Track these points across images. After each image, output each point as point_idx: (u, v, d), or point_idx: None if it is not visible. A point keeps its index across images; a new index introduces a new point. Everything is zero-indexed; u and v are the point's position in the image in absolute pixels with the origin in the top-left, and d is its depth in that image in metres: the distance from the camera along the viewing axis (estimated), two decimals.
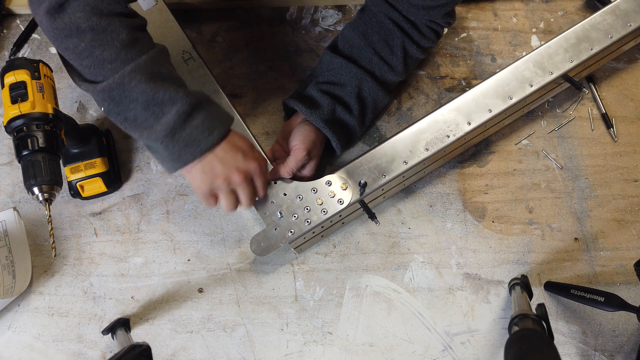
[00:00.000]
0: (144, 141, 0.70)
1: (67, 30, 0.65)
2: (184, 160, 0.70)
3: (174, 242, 0.89)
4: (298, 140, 0.84)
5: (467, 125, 0.86)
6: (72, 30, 0.65)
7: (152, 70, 0.67)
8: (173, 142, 0.68)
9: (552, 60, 0.90)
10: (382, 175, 0.84)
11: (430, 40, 0.89)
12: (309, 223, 0.81)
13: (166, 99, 0.67)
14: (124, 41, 0.66)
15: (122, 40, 0.66)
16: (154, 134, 0.68)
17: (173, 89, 0.68)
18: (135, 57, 0.67)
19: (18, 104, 0.72)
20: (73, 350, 0.82)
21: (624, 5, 0.94)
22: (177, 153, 0.69)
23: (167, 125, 0.67)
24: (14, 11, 1.03)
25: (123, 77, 0.66)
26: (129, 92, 0.66)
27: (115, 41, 0.66)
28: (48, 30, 0.67)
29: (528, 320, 0.72)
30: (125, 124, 0.70)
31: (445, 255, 0.89)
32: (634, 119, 0.99)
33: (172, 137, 0.68)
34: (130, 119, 0.69)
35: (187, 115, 0.68)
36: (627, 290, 0.88)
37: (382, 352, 0.83)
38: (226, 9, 1.05)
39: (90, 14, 0.64)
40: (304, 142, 0.84)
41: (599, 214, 0.92)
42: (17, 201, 0.91)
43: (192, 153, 0.69)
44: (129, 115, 0.68)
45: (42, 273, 0.86)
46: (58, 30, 0.65)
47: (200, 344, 0.83)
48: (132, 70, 0.66)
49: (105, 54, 0.66)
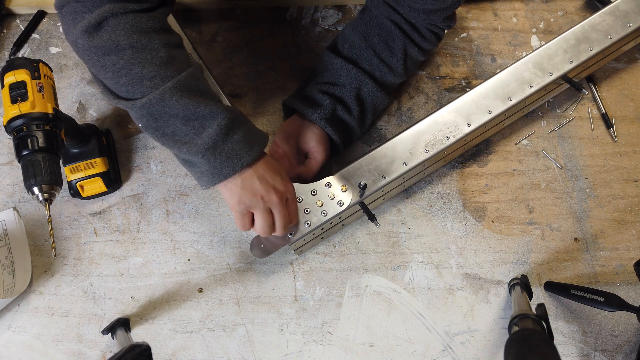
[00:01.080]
0: (182, 155, 0.71)
1: (106, 49, 0.65)
2: (225, 174, 0.70)
3: (174, 242, 0.89)
4: (314, 141, 0.85)
5: (467, 127, 0.86)
6: (112, 48, 0.65)
7: (192, 87, 0.68)
8: (215, 156, 0.69)
9: (551, 61, 0.90)
10: (381, 177, 0.84)
11: (431, 43, 0.89)
12: (309, 225, 0.81)
13: (207, 114, 0.68)
14: (163, 59, 0.67)
15: (161, 58, 0.67)
16: (194, 148, 0.68)
17: (213, 103, 0.69)
18: (175, 74, 0.67)
19: (18, 104, 0.72)
20: (73, 350, 0.82)
21: (623, 6, 0.94)
22: (218, 166, 0.69)
23: (209, 138, 0.68)
24: (14, 11, 1.03)
25: (164, 93, 0.66)
26: (169, 107, 0.67)
27: (155, 59, 0.67)
28: (84, 49, 0.67)
29: (528, 320, 0.71)
30: (164, 139, 0.70)
31: (445, 255, 0.89)
32: (634, 119, 0.99)
33: (214, 150, 0.69)
34: (168, 134, 0.69)
35: (228, 130, 0.69)
36: (627, 290, 0.88)
37: (382, 352, 0.83)
38: (226, 9, 1.05)
39: (130, 31, 0.65)
40: (320, 142, 0.85)
41: (599, 214, 0.92)
42: (17, 201, 0.90)
43: (233, 167, 0.70)
44: (168, 131, 0.69)
45: (42, 273, 0.86)
46: (96, 48, 0.65)
47: (200, 344, 0.83)
48: (173, 87, 0.66)
49: (144, 71, 0.66)
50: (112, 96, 0.69)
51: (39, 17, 1.03)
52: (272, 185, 0.73)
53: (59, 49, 1.01)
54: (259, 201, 0.72)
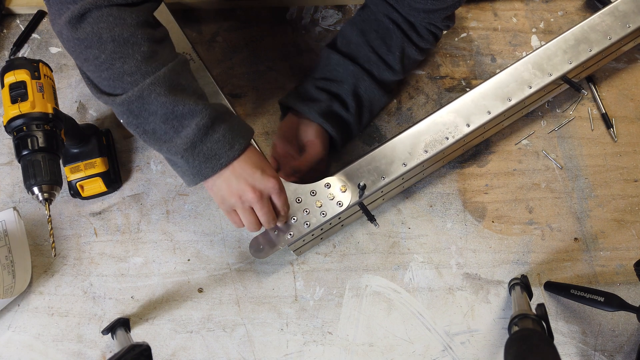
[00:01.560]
0: (164, 154, 0.70)
1: (88, 41, 0.64)
2: (205, 175, 0.69)
3: (174, 242, 0.89)
4: (311, 136, 0.84)
5: (466, 127, 0.86)
6: (94, 41, 0.63)
7: (172, 83, 0.66)
8: (193, 157, 0.67)
9: (551, 61, 0.90)
10: (381, 178, 0.84)
11: (429, 43, 0.89)
12: (308, 225, 0.81)
13: (186, 112, 0.66)
14: (145, 53, 0.65)
15: (143, 53, 0.65)
16: (173, 148, 0.67)
17: (192, 101, 0.67)
18: (156, 69, 0.65)
19: (18, 104, 0.72)
20: (73, 350, 0.82)
21: (622, 6, 0.94)
22: (197, 167, 0.68)
23: (187, 139, 0.66)
24: (14, 11, 1.03)
25: (142, 90, 0.64)
26: (148, 105, 0.65)
27: (137, 53, 0.64)
28: (68, 40, 0.65)
29: (528, 320, 0.71)
30: (145, 137, 0.68)
31: (445, 255, 0.89)
32: (634, 119, 0.99)
33: (193, 151, 0.67)
34: (149, 132, 0.68)
35: (207, 129, 0.67)
36: (627, 290, 0.88)
37: (382, 352, 0.83)
38: (226, 9, 1.05)
39: (113, 24, 0.63)
40: (317, 137, 0.84)
41: (599, 214, 0.92)
42: (17, 201, 0.90)
43: (212, 168, 0.68)
44: (148, 128, 0.67)
45: (42, 273, 0.86)
46: (79, 40, 0.64)
47: (200, 344, 0.83)
48: (152, 83, 0.64)
49: (125, 67, 0.64)
50: (95, 90, 0.68)
51: (39, 17, 1.03)
52: (251, 184, 0.70)
53: (59, 49, 1.01)
54: (237, 201, 0.71)
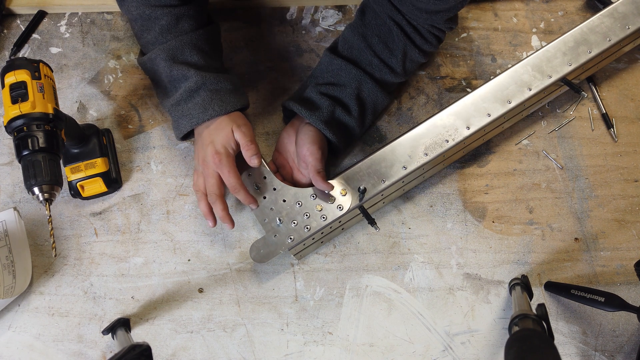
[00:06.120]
0: (165, 108, 0.86)
1: (128, 16, 0.86)
2: (181, 130, 0.82)
3: (174, 242, 0.89)
4: (309, 142, 0.83)
5: (466, 130, 0.86)
6: (129, 16, 0.85)
7: (175, 52, 0.82)
8: (176, 112, 0.83)
9: (550, 63, 0.90)
10: (381, 181, 0.83)
11: (432, 45, 0.89)
12: (309, 229, 0.81)
13: (179, 77, 0.82)
14: (163, 27, 0.82)
15: (162, 26, 0.82)
16: (168, 102, 0.84)
17: (186, 68, 0.81)
18: (167, 40, 0.82)
19: (18, 104, 0.72)
20: (73, 350, 0.82)
21: (622, 8, 0.94)
22: (176, 122, 0.83)
23: (176, 98, 0.82)
24: (14, 11, 1.03)
25: (151, 55, 0.84)
26: (156, 66, 0.84)
27: (157, 26, 0.83)
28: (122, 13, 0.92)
29: (528, 321, 0.71)
30: (158, 90, 0.88)
31: (446, 255, 0.89)
32: (634, 119, 0.99)
33: (177, 107, 0.83)
34: (161, 87, 0.87)
35: (192, 92, 0.81)
36: (628, 291, 0.88)
37: (382, 352, 0.83)
38: (226, 9, 1.05)
39: (139, 3, 0.82)
40: (314, 142, 0.83)
41: (599, 214, 0.92)
42: (17, 201, 0.91)
43: (185, 125, 0.82)
44: (160, 84, 0.86)
45: (42, 273, 0.86)
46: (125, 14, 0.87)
47: (200, 344, 0.83)
48: (159, 50, 0.82)
49: (149, 37, 0.84)
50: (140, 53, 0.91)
51: (40, 17, 1.03)
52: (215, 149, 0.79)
53: (60, 49, 1.01)
54: (199, 164, 0.82)
